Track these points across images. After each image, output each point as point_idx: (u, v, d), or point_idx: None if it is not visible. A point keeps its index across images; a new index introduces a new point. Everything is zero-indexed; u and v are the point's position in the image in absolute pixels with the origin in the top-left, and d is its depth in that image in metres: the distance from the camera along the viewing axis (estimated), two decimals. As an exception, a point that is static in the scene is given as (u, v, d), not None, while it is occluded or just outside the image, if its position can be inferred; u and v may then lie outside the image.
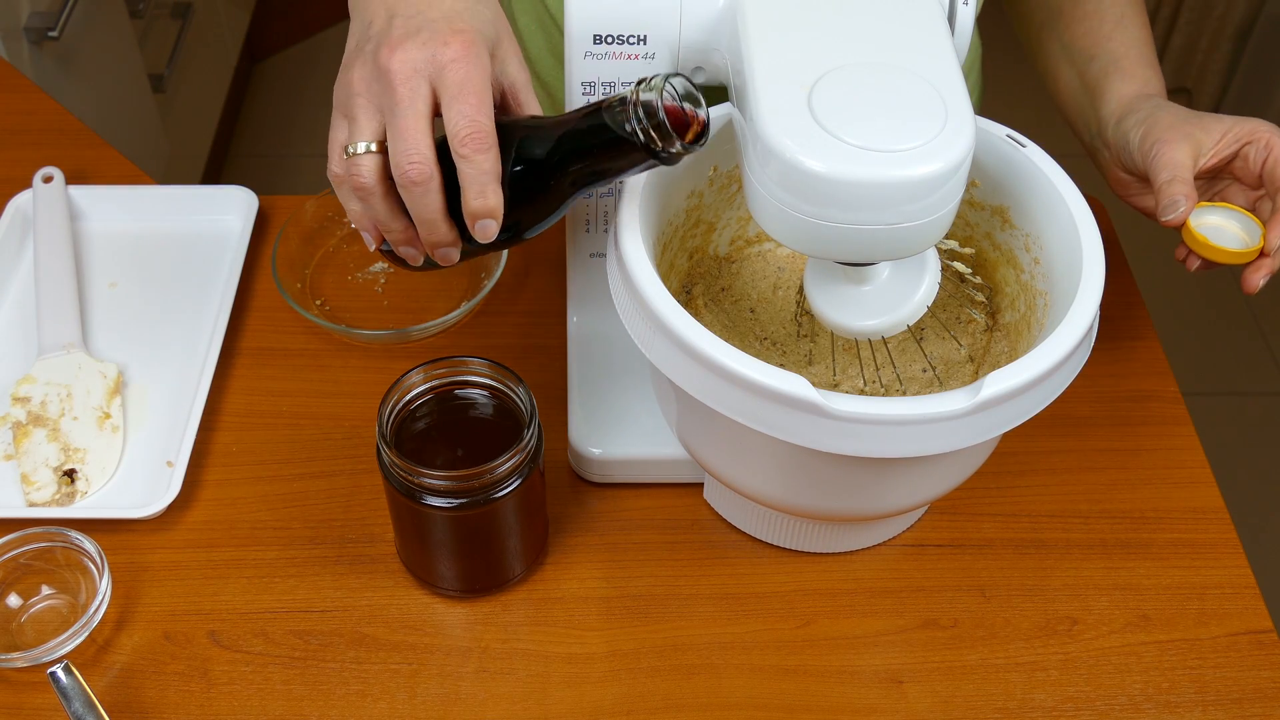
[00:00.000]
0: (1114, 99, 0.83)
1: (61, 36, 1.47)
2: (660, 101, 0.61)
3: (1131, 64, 0.84)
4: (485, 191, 0.62)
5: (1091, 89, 0.85)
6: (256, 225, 0.96)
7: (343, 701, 0.72)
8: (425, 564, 0.75)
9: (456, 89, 0.62)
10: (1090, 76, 0.86)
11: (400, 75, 0.61)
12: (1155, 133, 0.77)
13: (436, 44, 0.61)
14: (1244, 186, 0.78)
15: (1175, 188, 0.75)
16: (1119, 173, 0.83)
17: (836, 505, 0.71)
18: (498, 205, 0.63)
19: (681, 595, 0.77)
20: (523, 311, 0.92)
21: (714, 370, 0.62)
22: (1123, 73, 0.84)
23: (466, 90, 0.61)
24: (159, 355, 0.89)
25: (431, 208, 0.63)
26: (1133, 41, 0.86)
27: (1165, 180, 0.75)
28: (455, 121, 0.61)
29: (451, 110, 0.62)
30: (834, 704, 0.72)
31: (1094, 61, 0.86)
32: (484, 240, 0.64)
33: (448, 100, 0.62)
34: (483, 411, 0.73)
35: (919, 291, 0.68)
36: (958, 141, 0.60)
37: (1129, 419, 0.86)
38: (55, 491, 0.79)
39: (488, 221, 0.63)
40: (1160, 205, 0.75)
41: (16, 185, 0.98)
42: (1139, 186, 0.82)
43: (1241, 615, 0.76)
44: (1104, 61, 0.85)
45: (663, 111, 0.61)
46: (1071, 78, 0.88)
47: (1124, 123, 0.81)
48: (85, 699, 0.67)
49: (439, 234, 0.65)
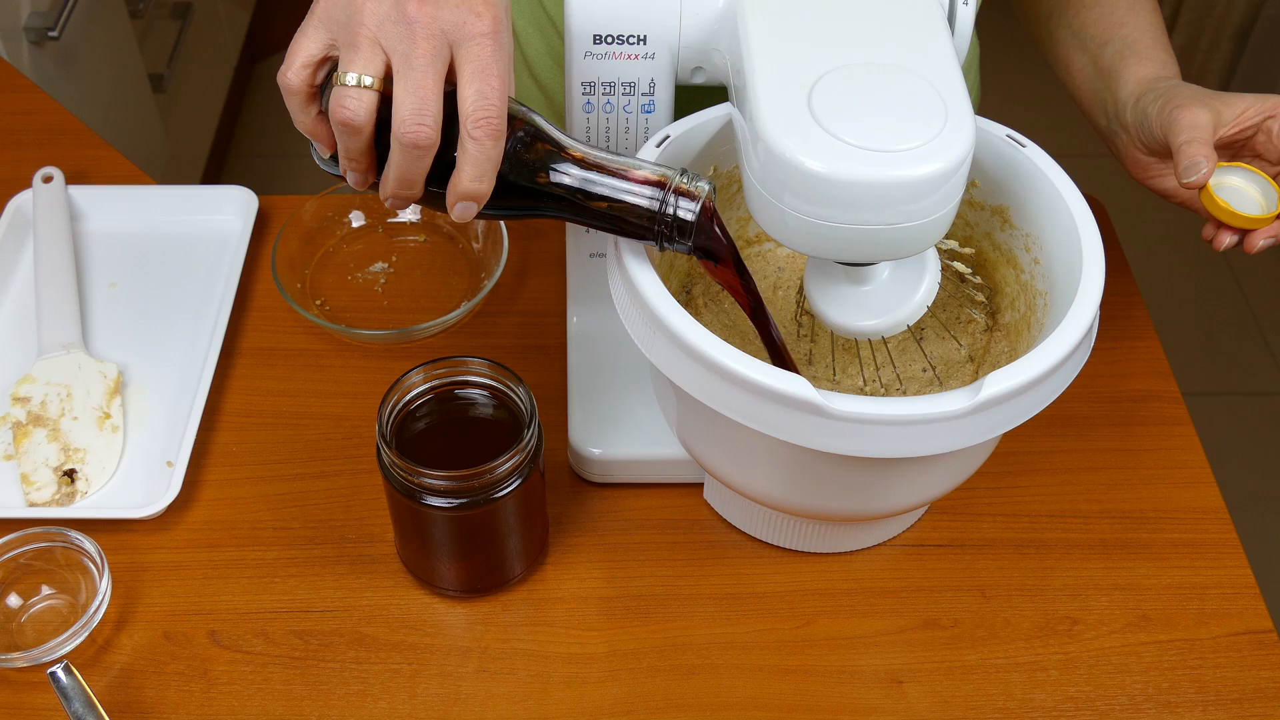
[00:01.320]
0: (1132, 80, 0.82)
1: (61, 36, 1.47)
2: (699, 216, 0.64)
3: (1147, 48, 0.84)
4: (483, 178, 0.61)
5: (1107, 73, 0.85)
6: (256, 225, 0.96)
7: (343, 701, 0.72)
8: (425, 564, 0.75)
9: (482, 65, 0.60)
10: (1105, 61, 0.85)
11: (427, 31, 0.59)
12: (1175, 100, 0.77)
13: (469, 11, 0.59)
14: (1265, 163, 0.77)
15: (1194, 148, 0.73)
16: (1138, 154, 0.82)
17: (836, 505, 0.71)
18: (488, 194, 0.62)
19: (681, 595, 0.77)
20: (523, 311, 0.92)
21: (714, 370, 0.62)
22: (1139, 56, 0.83)
23: (491, 70, 0.60)
24: (159, 355, 0.89)
25: (418, 171, 0.61)
26: (1146, 26, 0.85)
27: (1184, 141, 0.74)
28: (473, 100, 0.60)
29: (471, 87, 0.60)
30: (834, 704, 0.72)
31: (1108, 46, 0.85)
32: (457, 219, 0.63)
33: (470, 74, 0.60)
34: (483, 411, 0.73)
35: (919, 291, 0.68)
36: (958, 141, 0.60)
37: (1129, 419, 0.86)
38: (55, 491, 0.79)
39: (470, 204, 0.62)
40: (1180, 167, 0.74)
41: (16, 185, 0.98)
42: (1158, 167, 0.81)
43: (1241, 615, 0.76)
44: (1119, 46, 0.85)
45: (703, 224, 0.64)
46: (1085, 64, 0.87)
47: (1143, 99, 0.80)
48: (85, 699, 0.67)
49: (409, 192, 0.63)
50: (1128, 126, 0.82)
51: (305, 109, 0.63)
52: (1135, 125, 0.80)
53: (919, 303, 0.68)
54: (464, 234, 0.96)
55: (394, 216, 0.97)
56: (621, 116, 0.74)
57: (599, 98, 0.73)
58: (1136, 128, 0.80)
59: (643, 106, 0.73)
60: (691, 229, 0.64)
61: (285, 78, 0.62)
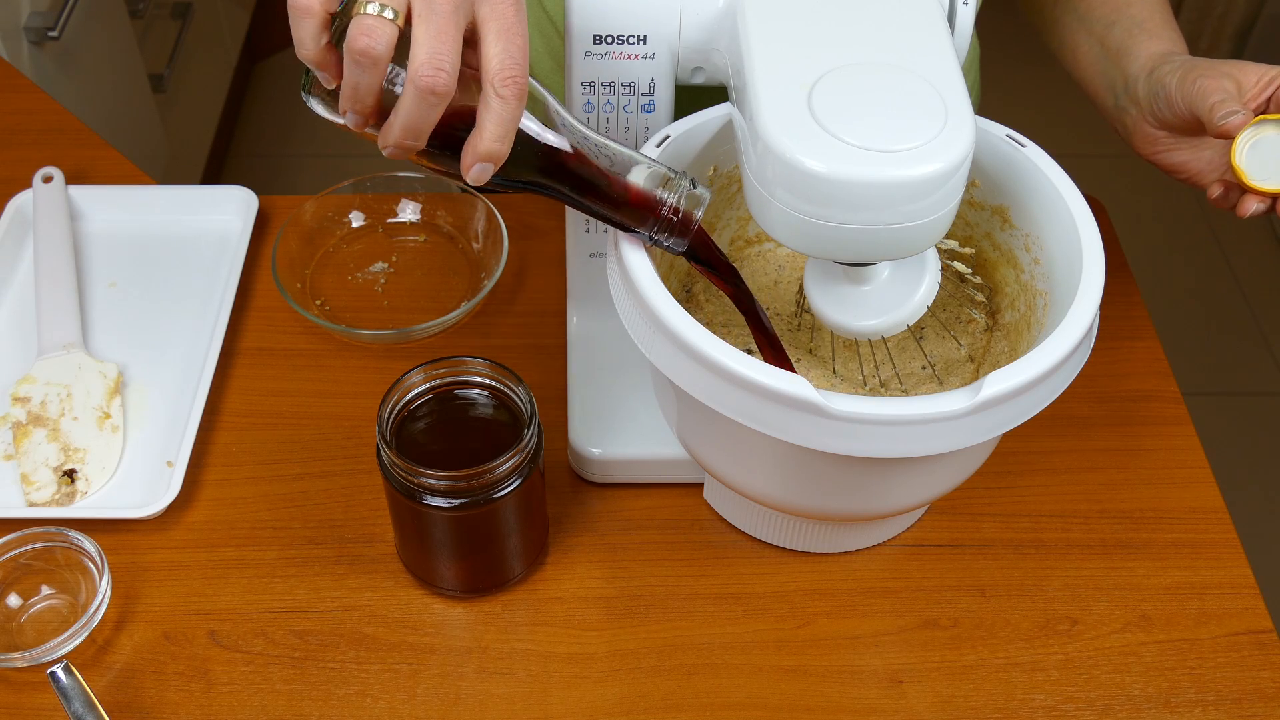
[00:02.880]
0: (1143, 55, 0.83)
1: (61, 36, 1.47)
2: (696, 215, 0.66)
3: (1156, 26, 0.84)
4: (504, 137, 0.59)
5: (1115, 52, 0.85)
6: (256, 225, 0.96)
7: (343, 701, 0.72)
8: (425, 564, 0.75)
9: (506, 24, 0.58)
10: (1113, 40, 0.85)
11: None
12: (1196, 71, 0.77)
13: None
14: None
15: (1228, 104, 0.74)
16: (1149, 129, 0.82)
17: (837, 505, 0.71)
18: (506, 155, 0.60)
19: (681, 595, 0.77)
20: (523, 311, 0.92)
21: (714, 370, 0.62)
22: (1148, 33, 0.84)
23: (516, 30, 0.59)
24: (159, 355, 0.89)
25: (428, 120, 0.59)
26: (1154, 7, 0.86)
27: (1217, 100, 0.74)
28: (499, 59, 0.58)
29: (497, 45, 0.58)
30: (834, 704, 0.72)
31: (1115, 26, 0.85)
32: (472, 181, 0.61)
33: (495, 32, 0.58)
34: (483, 411, 0.73)
35: (919, 291, 0.68)
36: (958, 141, 0.60)
37: (1129, 419, 0.86)
38: (55, 491, 0.79)
39: (488, 166, 0.61)
40: (1215, 116, 0.74)
41: (16, 185, 0.98)
42: (1168, 141, 0.81)
43: (1241, 615, 0.76)
44: (1127, 25, 0.85)
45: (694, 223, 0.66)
46: (1091, 45, 0.87)
47: (1157, 72, 0.80)
48: (85, 699, 0.67)
49: (413, 143, 0.60)
50: (1139, 101, 0.82)
51: (317, 35, 0.59)
52: (1148, 98, 0.81)
53: (919, 303, 0.68)
54: (464, 234, 0.96)
55: (394, 216, 0.97)
56: (621, 116, 0.74)
57: (599, 98, 0.73)
58: (1150, 101, 0.80)
59: (643, 106, 0.73)
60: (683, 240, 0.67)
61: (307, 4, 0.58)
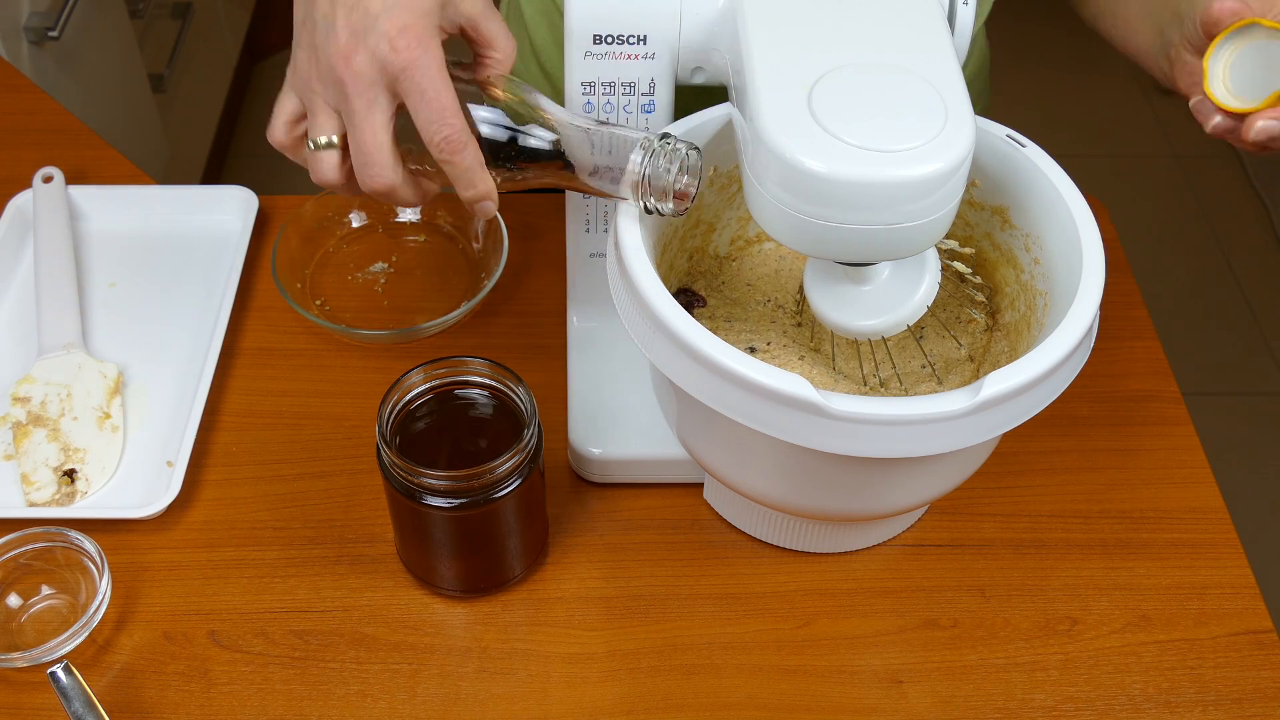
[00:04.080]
0: None
1: (61, 36, 1.47)
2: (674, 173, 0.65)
3: None
4: (474, 182, 0.65)
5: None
6: (256, 225, 0.96)
7: (343, 701, 0.72)
8: (425, 564, 0.75)
9: (418, 95, 0.62)
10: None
11: (356, 87, 0.62)
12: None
13: (384, 49, 0.62)
14: None
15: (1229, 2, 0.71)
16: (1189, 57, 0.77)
17: (836, 505, 0.71)
18: (490, 188, 0.66)
19: (681, 595, 0.77)
20: (523, 311, 0.92)
21: (714, 370, 0.62)
22: None
23: (427, 94, 0.62)
24: (159, 355, 0.89)
25: (403, 198, 0.66)
26: None
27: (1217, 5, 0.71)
28: (425, 129, 0.63)
29: (419, 118, 0.63)
30: (834, 704, 0.72)
31: None
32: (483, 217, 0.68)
33: (411, 106, 0.63)
34: (483, 411, 0.73)
35: (919, 291, 0.68)
36: (958, 141, 0.60)
37: (1129, 419, 0.86)
38: (55, 491, 0.79)
39: (487, 204, 0.66)
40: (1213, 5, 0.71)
41: (16, 185, 0.98)
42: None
43: (1241, 615, 0.76)
44: None
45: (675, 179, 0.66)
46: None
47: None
48: (85, 699, 0.67)
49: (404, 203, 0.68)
50: (1183, 21, 0.77)
51: (298, 155, 0.69)
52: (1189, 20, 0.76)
53: (919, 303, 0.68)
54: (464, 234, 0.96)
55: (394, 216, 0.97)
56: (621, 116, 0.74)
57: (599, 98, 0.73)
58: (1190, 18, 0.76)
59: (643, 106, 0.73)
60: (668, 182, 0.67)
61: (273, 136, 0.69)
